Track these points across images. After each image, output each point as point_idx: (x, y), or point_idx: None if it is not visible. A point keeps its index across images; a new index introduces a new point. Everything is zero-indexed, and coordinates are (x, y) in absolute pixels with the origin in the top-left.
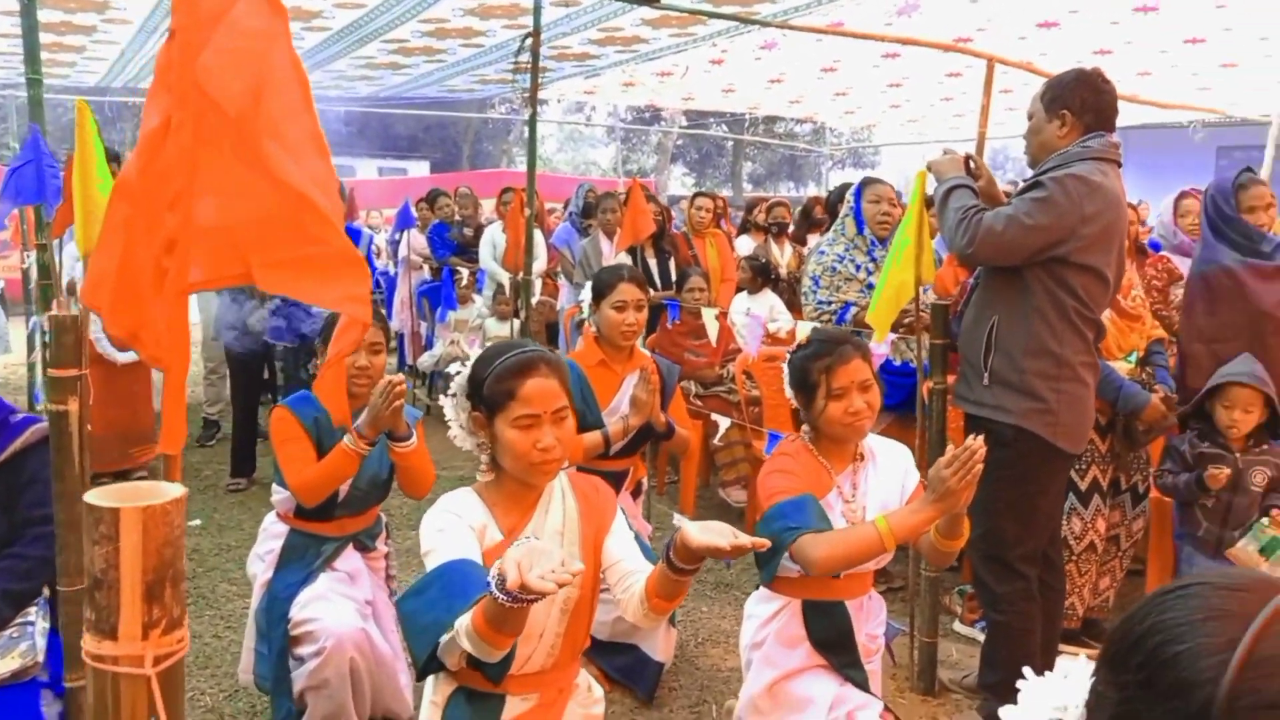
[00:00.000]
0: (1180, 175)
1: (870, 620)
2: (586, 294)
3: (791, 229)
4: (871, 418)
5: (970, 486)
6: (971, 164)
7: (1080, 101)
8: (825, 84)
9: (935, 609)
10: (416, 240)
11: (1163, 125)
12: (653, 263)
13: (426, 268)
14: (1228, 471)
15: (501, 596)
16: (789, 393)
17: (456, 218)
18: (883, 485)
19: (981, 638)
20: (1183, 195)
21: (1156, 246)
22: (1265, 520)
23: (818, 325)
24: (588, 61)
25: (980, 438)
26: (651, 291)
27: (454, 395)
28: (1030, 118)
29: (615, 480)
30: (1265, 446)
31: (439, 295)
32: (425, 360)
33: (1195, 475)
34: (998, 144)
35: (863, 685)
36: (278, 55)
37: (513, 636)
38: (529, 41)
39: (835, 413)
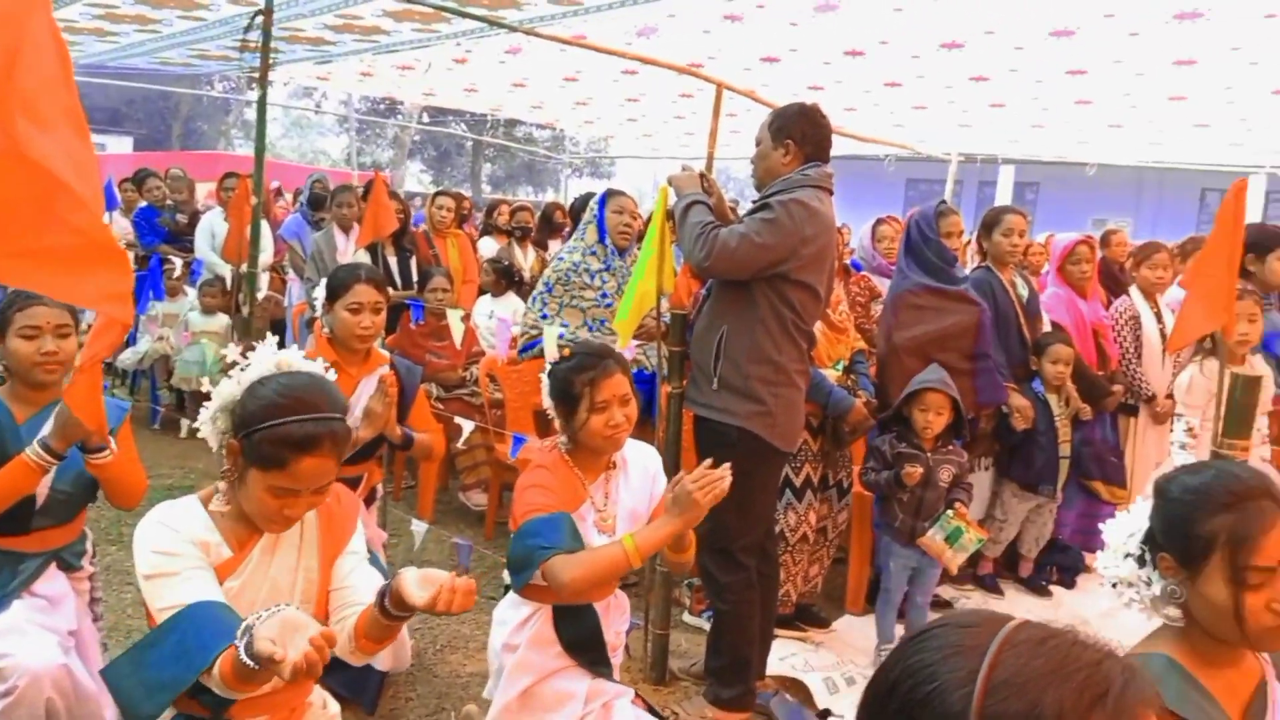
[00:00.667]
0: (876, 203)
1: (617, 618)
2: (320, 292)
3: (533, 233)
4: (629, 430)
5: (712, 504)
6: (704, 182)
7: (802, 133)
8: (567, 92)
9: (668, 603)
10: (120, 224)
11: (861, 157)
12: (393, 261)
13: (131, 255)
14: (921, 469)
15: (253, 664)
16: (548, 403)
17: (168, 202)
18: (633, 492)
19: (708, 626)
20: (879, 221)
21: (858, 266)
22: (950, 512)
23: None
24: (322, 47)
25: (727, 465)
26: (392, 291)
27: (213, 415)
28: (759, 143)
29: (348, 487)
30: (950, 446)
31: (144, 285)
32: (127, 357)
33: (894, 472)
34: (722, 164)
35: (609, 678)
36: (36, 22)
37: (262, 684)
38: (260, 19)
39: (596, 425)
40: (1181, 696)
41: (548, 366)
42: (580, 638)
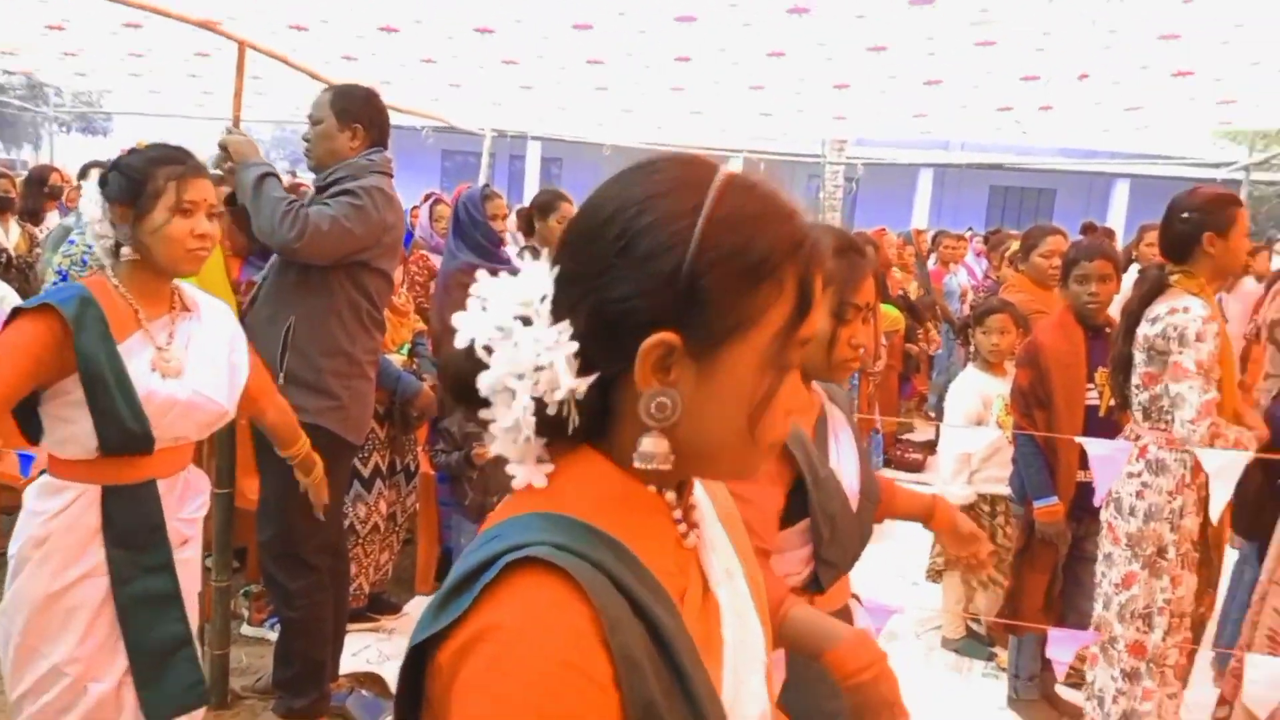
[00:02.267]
0: (414, 172)
1: (187, 503)
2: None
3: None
4: (210, 253)
5: None
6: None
7: (369, 118)
8: (50, 41)
9: (226, 618)
10: None
11: (400, 128)
12: None
13: None
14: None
15: None
16: (99, 207)
17: None
18: (212, 342)
19: (273, 636)
20: (437, 200)
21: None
22: None
23: None
24: None
25: None
26: None
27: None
28: (319, 121)
29: None
30: None
31: None
32: None
33: (464, 452)
34: (245, 125)
35: (173, 594)
36: None
37: None
38: None
39: (178, 232)
40: None
41: None
42: (134, 525)
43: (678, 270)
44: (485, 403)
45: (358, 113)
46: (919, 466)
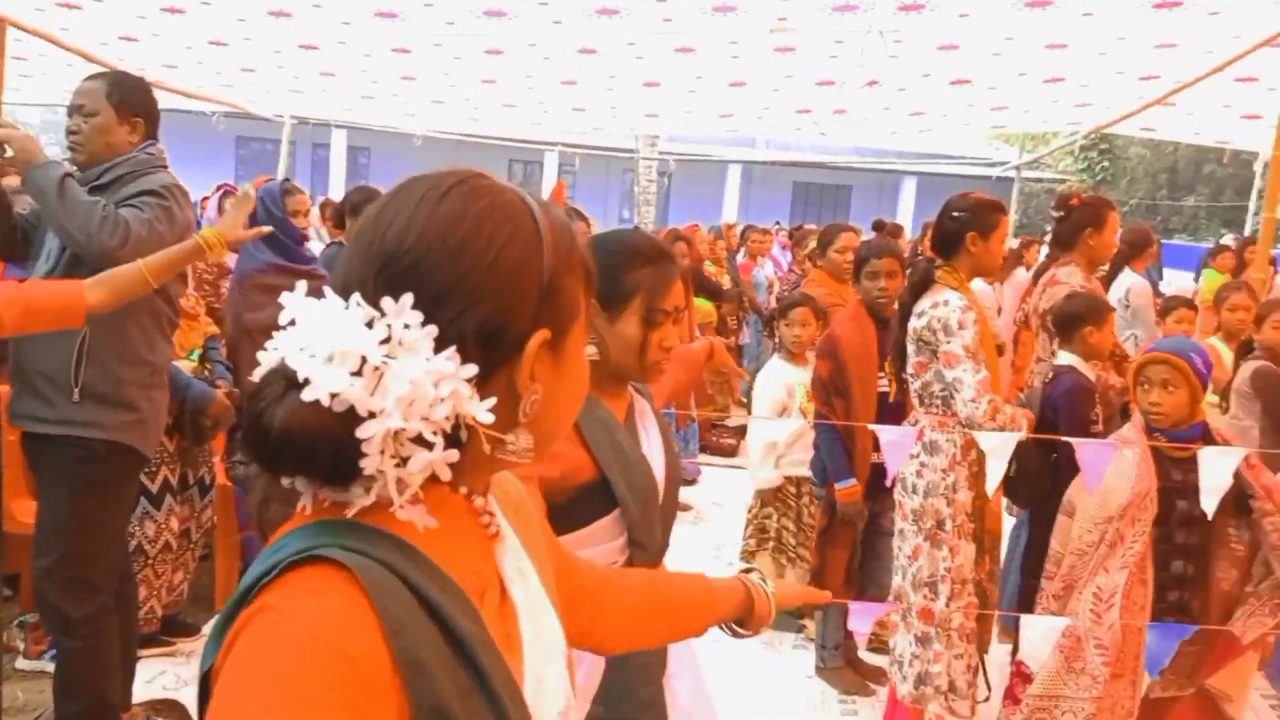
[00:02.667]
0: (205, 161)
1: None
2: None
3: None
4: None
5: None
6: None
7: (147, 110)
8: None
9: None
10: None
11: (187, 112)
12: None
13: None
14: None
15: None
16: None
17: None
18: None
19: (51, 668)
20: (226, 194)
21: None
22: None
23: None
24: None
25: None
26: None
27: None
28: (92, 114)
29: None
30: None
31: None
32: None
33: None
34: (9, 111)
35: None
36: None
37: None
38: None
39: None
40: (589, 413)
41: None
42: None
43: (542, 275)
44: (349, 458)
45: (138, 105)
46: (733, 451)
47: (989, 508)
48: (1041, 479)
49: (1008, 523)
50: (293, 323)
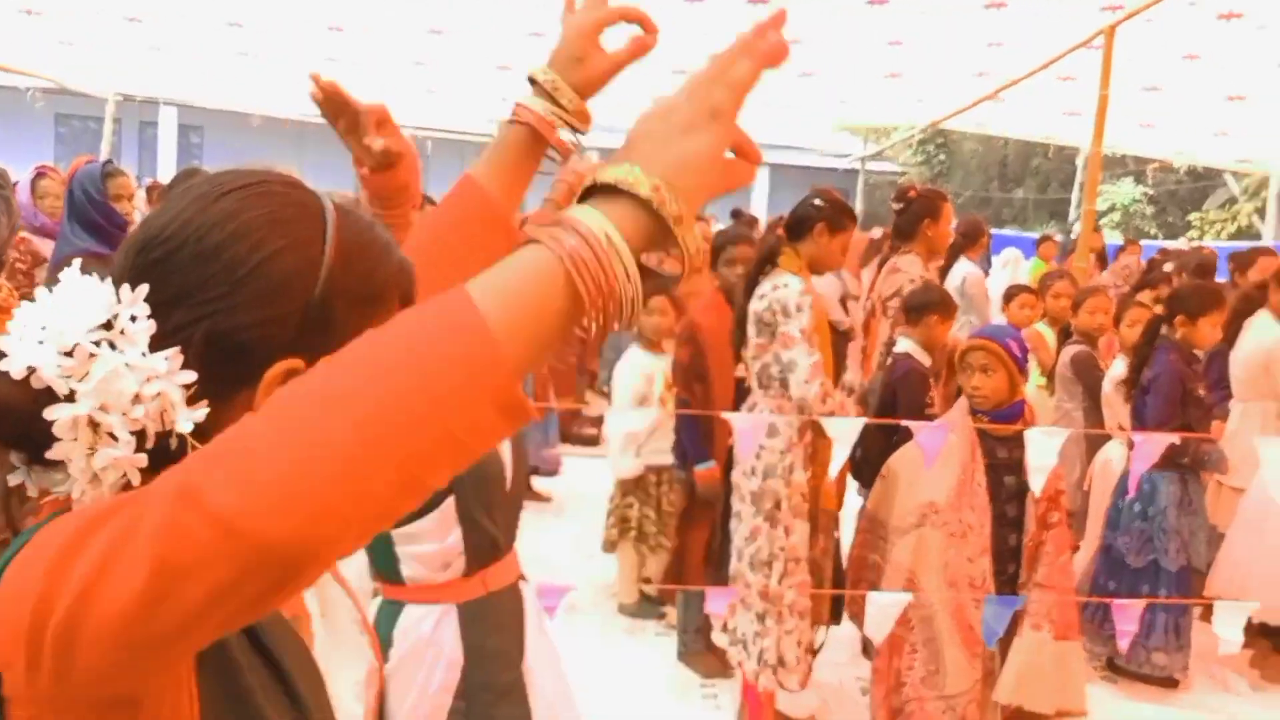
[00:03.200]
0: (21, 140)
1: None
2: None
3: None
4: None
5: None
6: None
7: None
8: None
9: None
10: None
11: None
12: None
13: None
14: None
15: None
16: None
17: None
18: None
19: None
20: (39, 175)
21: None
22: None
23: None
24: None
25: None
26: None
27: None
28: None
29: None
30: None
31: None
32: None
33: None
34: None
35: None
36: None
37: None
38: None
39: None
40: None
41: None
42: None
43: (310, 297)
44: (42, 442)
45: None
46: (595, 441)
47: (824, 488)
48: (883, 460)
49: (855, 502)
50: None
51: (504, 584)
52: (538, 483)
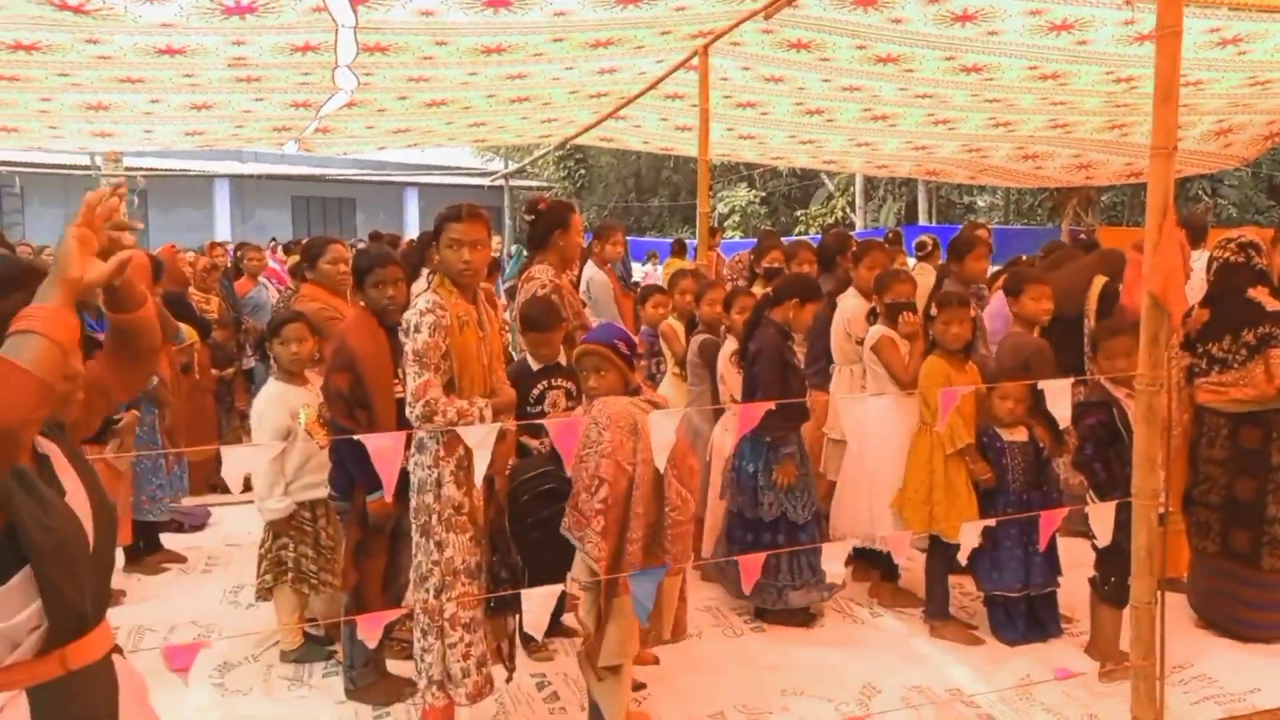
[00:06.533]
0: None
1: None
2: None
3: None
4: None
5: None
6: None
7: None
8: None
9: None
10: None
11: None
12: None
13: None
14: None
15: None
16: None
17: None
18: None
19: None
20: None
21: None
22: None
23: None
24: None
25: None
26: None
27: None
28: None
29: None
30: None
31: None
32: None
33: None
34: None
35: None
36: None
37: None
38: None
39: None
40: None
41: None
42: None
43: None
44: None
45: None
46: (243, 485)
47: (476, 501)
48: None
49: None
50: None
51: (89, 660)
52: (181, 540)
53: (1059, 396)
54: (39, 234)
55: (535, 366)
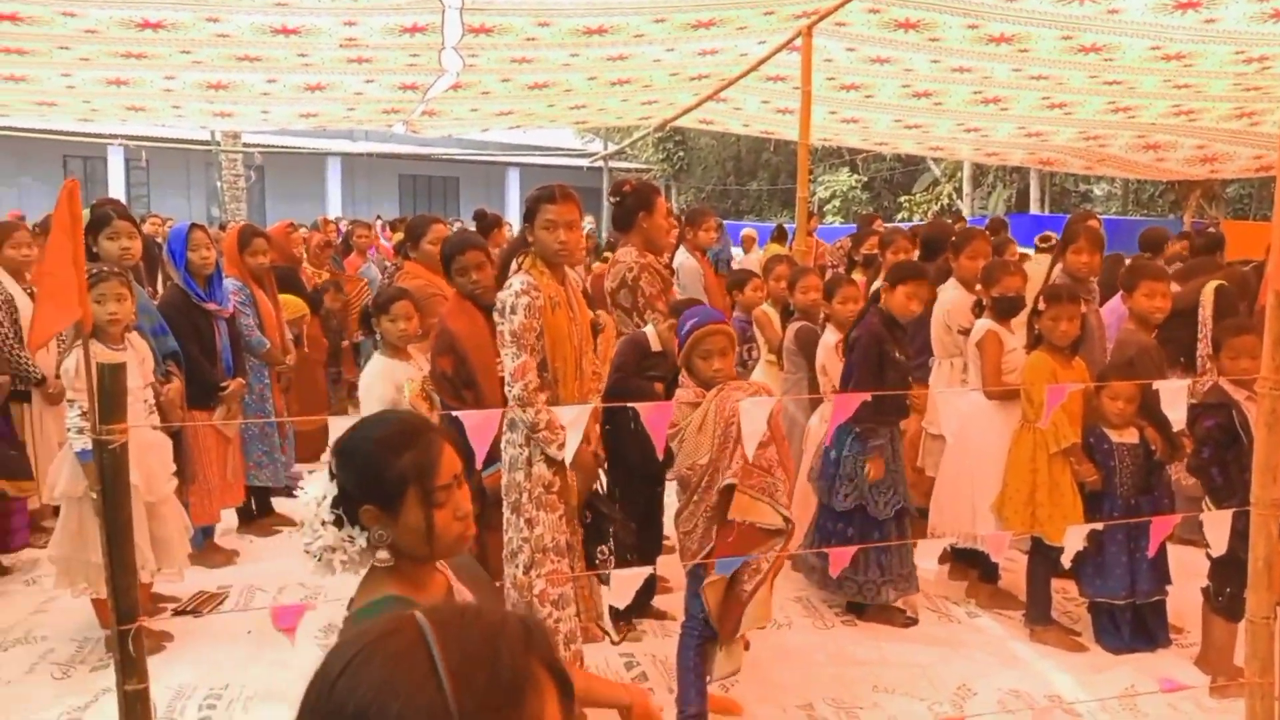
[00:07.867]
0: None
1: None
2: None
3: None
4: None
5: None
6: None
7: None
8: None
9: None
10: None
11: None
12: None
13: None
14: None
15: None
16: None
17: None
18: None
19: None
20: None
21: None
22: None
23: None
24: None
25: None
26: None
27: None
28: None
29: None
30: None
31: None
32: None
33: None
34: None
35: None
36: None
37: None
38: None
39: None
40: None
41: None
42: None
43: None
44: None
45: None
46: None
47: (568, 480)
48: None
49: None
50: None
51: None
52: (291, 505)
53: (1174, 398)
54: (163, 207)
55: (655, 347)
